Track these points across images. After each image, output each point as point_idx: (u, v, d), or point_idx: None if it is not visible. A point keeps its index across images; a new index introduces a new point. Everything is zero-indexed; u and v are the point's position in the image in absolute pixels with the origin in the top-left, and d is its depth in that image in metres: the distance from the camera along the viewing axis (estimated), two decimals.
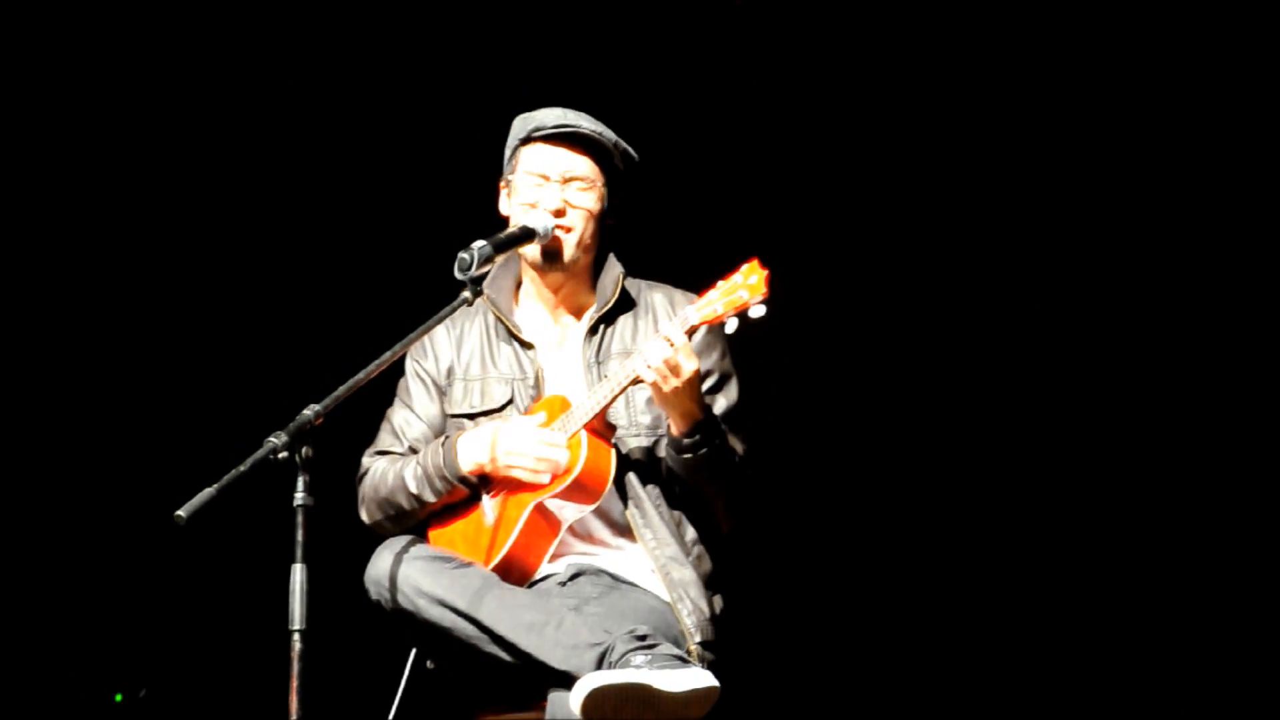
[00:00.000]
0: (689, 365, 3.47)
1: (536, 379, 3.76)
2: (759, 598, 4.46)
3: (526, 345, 3.80)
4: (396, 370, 3.68)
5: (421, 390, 3.85)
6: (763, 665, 4.70)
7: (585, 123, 3.77)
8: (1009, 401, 5.37)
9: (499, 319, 3.83)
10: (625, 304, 3.80)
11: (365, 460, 3.83)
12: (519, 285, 3.87)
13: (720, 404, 3.69)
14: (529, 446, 3.59)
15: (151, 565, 5.41)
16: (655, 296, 3.82)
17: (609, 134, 3.78)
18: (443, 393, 3.83)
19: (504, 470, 3.61)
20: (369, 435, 3.89)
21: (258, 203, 5.53)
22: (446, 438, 3.72)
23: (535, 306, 3.85)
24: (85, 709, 5.45)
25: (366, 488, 3.79)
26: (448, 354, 3.85)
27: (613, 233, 3.85)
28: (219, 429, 5.10)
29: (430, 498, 3.69)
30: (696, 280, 3.60)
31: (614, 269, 3.82)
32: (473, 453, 3.65)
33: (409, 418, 3.84)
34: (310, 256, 5.52)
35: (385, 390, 3.77)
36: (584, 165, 3.76)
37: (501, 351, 3.81)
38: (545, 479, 3.58)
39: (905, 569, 5.37)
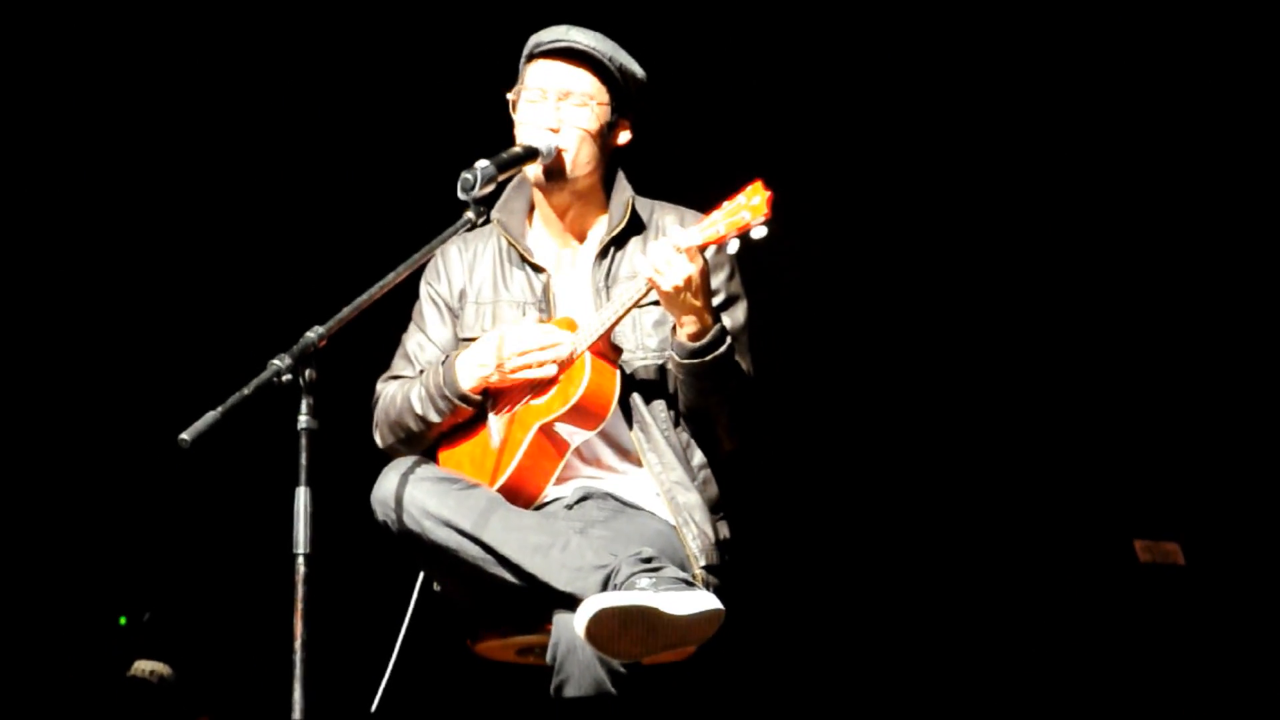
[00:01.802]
0: (694, 263, 3.42)
1: (548, 302, 3.74)
2: (764, 522, 4.46)
3: (538, 269, 3.77)
4: (401, 291, 3.65)
5: (434, 313, 3.83)
6: (767, 590, 4.72)
7: (585, 38, 3.72)
8: (1032, 323, 5.38)
9: (510, 243, 3.80)
10: (635, 227, 3.76)
11: (379, 385, 3.82)
12: (532, 209, 3.84)
13: (726, 322, 3.63)
14: (532, 339, 3.58)
15: (155, 489, 5.43)
16: (666, 218, 3.77)
17: (609, 50, 3.73)
18: (455, 316, 3.82)
19: (511, 372, 3.59)
20: (373, 357, 3.88)
21: (262, 124, 5.50)
22: (448, 357, 3.71)
23: (546, 230, 3.82)
24: (89, 632, 5.48)
25: (379, 412, 3.78)
26: (460, 277, 3.83)
27: (623, 153, 3.80)
28: (223, 351, 5.08)
29: (434, 418, 3.68)
30: (708, 201, 3.55)
31: (624, 191, 3.78)
32: (474, 366, 3.64)
33: (422, 341, 3.82)
34: (314, 177, 5.49)
35: (389, 312, 3.75)
36: (581, 81, 3.71)
37: (513, 275, 3.79)
38: (554, 370, 3.56)
39: (909, 505, 5.39)
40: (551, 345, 3.57)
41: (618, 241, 3.74)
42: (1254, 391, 5.29)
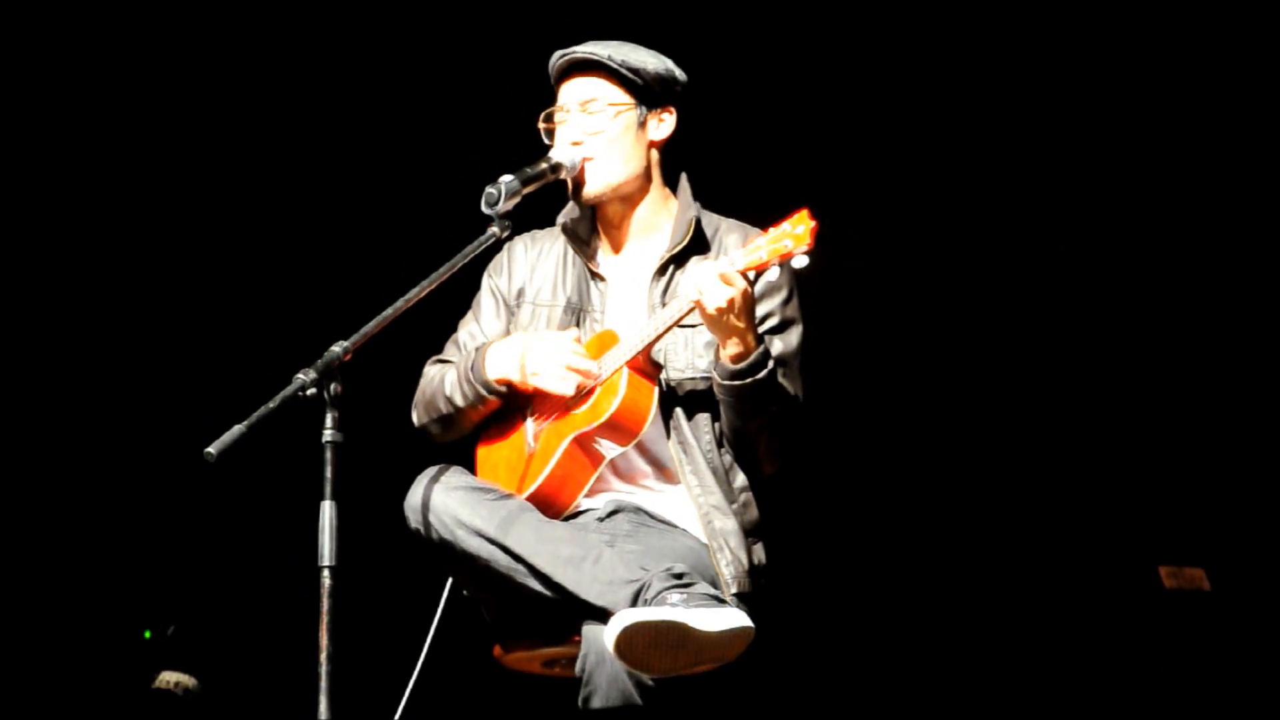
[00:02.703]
0: (738, 285, 3.39)
1: (603, 313, 3.73)
2: (802, 546, 4.44)
3: (598, 278, 3.77)
4: (426, 305, 3.65)
5: (491, 305, 3.85)
6: (798, 608, 4.70)
7: (585, 47, 3.72)
8: (1060, 348, 5.38)
9: (575, 250, 3.80)
10: (699, 245, 3.73)
11: (426, 367, 3.83)
12: (598, 216, 3.83)
13: (777, 346, 3.61)
14: (557, 357, 3.57)
15: (181, 502, 5.43)
16: (730, 238, 3.73)
17: (609, 50, 3.70)
18: (511, 312, 3.82)
19: (531, 381, 3.59)
20: (399, 371, 3.88)
21: (293, 140, 5.52)
22: (482, 344, 3.72)
23: (608, 240, 3.81)
24: (115, 644, 5.47)
25: (419, 392, 3.80)
26: (521, 274, 3.83)
27: (678, 159, 3.79)
28: (249, 365, 5.08)
29: (460, 402, 3.68)
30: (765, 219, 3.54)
31: (689, 210, 3.75)
32: (502, 361, 3.64)
33: (474, 330, 3.82)
34: (341, 192, 5.50)
35: (413, 327, 3.74)
36: (594, 88, 3.71)
37: (573, 281, 3.79)
38: (570, 389, 3.56)
39: (939, 535, 5.38)
40: (575, 367, 3.56)
41: (679, 259, 3.71)
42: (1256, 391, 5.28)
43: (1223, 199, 5.29)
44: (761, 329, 3.61)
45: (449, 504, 3.46)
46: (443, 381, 3.72)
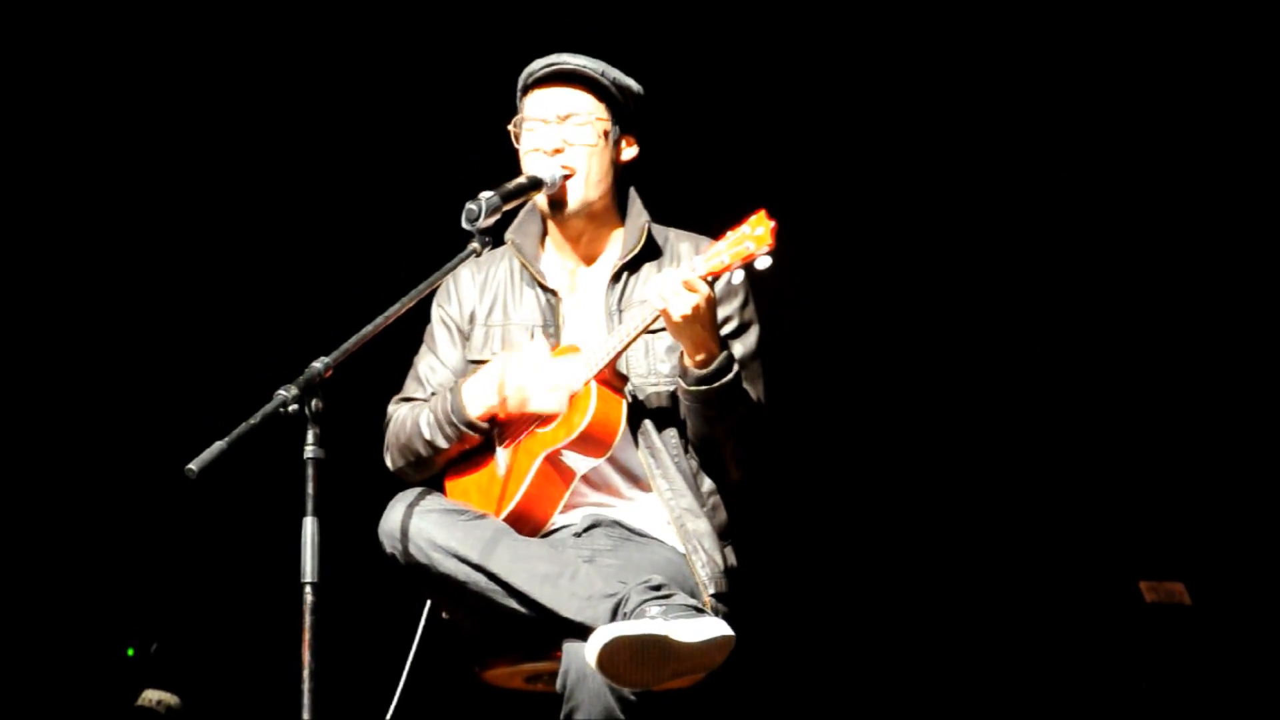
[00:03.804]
0: (701, 291, 3.40)
1: (557, 325, 3.73)
2: (774, 549, 4.45)
3: (550, 291, 3.77)
4: (406, 320, 3.66)
5: (446, 336, 3.83)
6: (776, 616, 4.71)
7: (576, 59, 3.73)
8: (1040, 365, 5.39)
9: (524, 265, 3.80)
10: (651, 252, 3.75)
11: (390, 407, 3.82)
12: (546, 231, 3.84)
13: (738, 350, 3.64)
14: (538, 376, 3.57)
15: (163, 519, 5.41)
16: (682, 245, 3.76)
17: (601, 66, 3.73)
18: (466, 338, 3.81)
19: (517, 406, 3.59)
20: (379, 387, 3.87)
21: (271, 155, 5.51)
22: (456, 384, 3.71)
23: (559, 252, 3.82)
24: (98, 662, 5.45)
25: (389, 435, 3.78)
26: (471, 299, 3.83)
27: (633, 175, 3.81)
28: (230, 382, 5.08)
29: (442, 444, 3.67)
30: (718, 227, 3.55)
31: (640, 217, 3.77)
32: (480, 396, 3.63)
33: (433, 364, 3.81)
34: (319, 208, 5.50)
35: (394, 341, 3.75)
36: (579, 101, 3.72)
37: (524, 297, 3.79)
38: (564, 404, 3.55)
39: (916, 543, 5.39)
40: (558, 384, 3.56)
41: (631, 266, 3.73)
42: (1257, 433, 5.29)
43: (1185, 227, 5.32)
44: (722, 332, 3.61)
45: (424, 527, 3.46)
46: (417, 424, 3.70)
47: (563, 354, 3.65)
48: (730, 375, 3.51)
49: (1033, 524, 5.36)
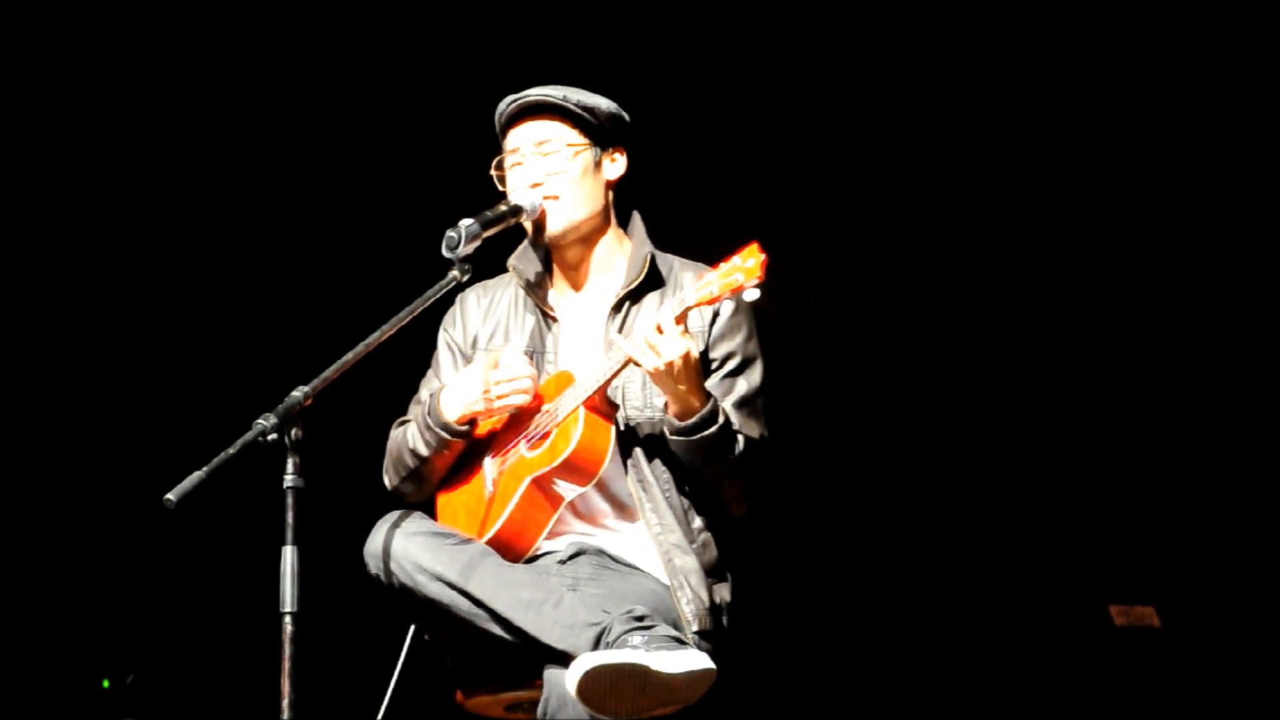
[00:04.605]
0: (676, 348, 3.41)
1: (556, 353, 3.74)
2: (765, 588, 4.44)
3: (551, 318, 3.78)
4: (387, 349, 3.66)
5: (449, 359, 3.85)
6: (762, 656, 4.70)
7: (537, 90, 3.74)
8: (1009, 393, 5.40)
9: (527, 292, 3.80)
10: (654, 281, 3.75)
11: (392, 430, 3.82)
12: (550, 258, 3.84)
13: (740, 387, 3.64)
14: (504, 371, 3.59)
15: (141, 549, 5.39)
16: (685, 275, 3.74)
17: (563, 91, 3.74)
18: (468, 361, 3.81)
19: (498, 399, 3.59)
20: (360, 416, 3.87)
21: (249, 185, 5.51)
22: (435, 390, 3.72)
23: (563, 279, 3.82)
24: (73, 695, 5.42)
25: (387, 454, 3.80)
26: (475, 323, 3.84)
27: (630, 198, 3.82)
28: (208, 412, 5.06)
29: (424, 451, 3.68)
30: (715, 238, 3.57)
31: (644, 246, 3.77)
32: (458, 399, 3.64)
33: (435, 389, 3.79)
34: (299, 237, 5.50)
35: (374, 371, 3.74)
36: (549, 130, 3.73)
37: (526, 324, 3.79)
38: (528, 395, 3.58)
39: (891, 570, 5.40)
40: (514, 375, 3.58)
41: (634, 295, 3.73)
42: (1226, 459, 5.31)
43: (1161, 245, 5.34)
44: (724, 369, 3.64)
45: (409, 550, 3.46)
46: (405, 437, 3.72)
47: (555, 380, 3.66)
48: (713, 429, 3.50)
49: (1004, 548, 5.37)
